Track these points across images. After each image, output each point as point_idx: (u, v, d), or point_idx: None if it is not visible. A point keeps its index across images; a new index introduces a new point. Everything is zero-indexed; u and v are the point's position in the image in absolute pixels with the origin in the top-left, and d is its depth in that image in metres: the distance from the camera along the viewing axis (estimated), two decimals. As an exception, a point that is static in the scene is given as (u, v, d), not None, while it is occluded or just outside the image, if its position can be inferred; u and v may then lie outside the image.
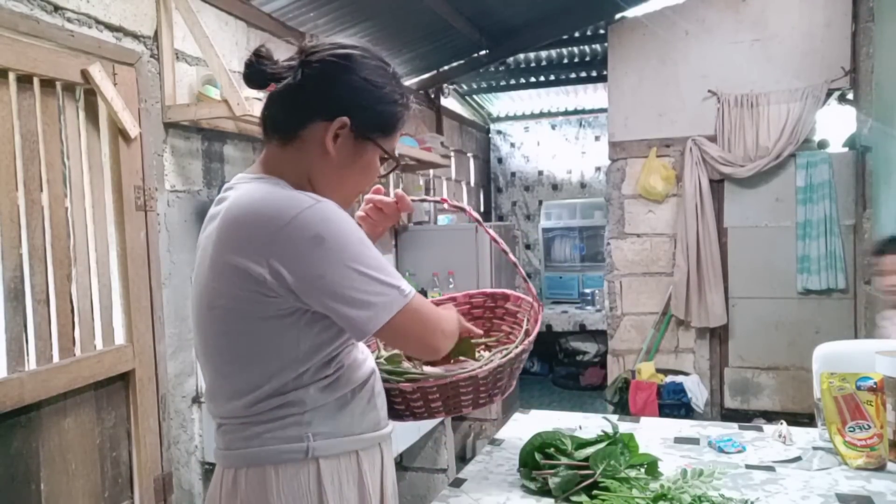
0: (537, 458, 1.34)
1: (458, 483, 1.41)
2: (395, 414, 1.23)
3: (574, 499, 1.23)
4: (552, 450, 1.34)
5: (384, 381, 1.20)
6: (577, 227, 6.17)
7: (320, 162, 1.05)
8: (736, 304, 4.22)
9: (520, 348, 1.30)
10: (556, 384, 5.71)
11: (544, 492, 1.29)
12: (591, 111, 6.44)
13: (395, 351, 1.33)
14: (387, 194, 1.27)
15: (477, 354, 1.43)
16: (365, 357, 1.14)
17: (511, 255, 1.37)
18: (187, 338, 2.39)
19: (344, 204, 1.06)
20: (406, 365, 1.32)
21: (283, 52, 1.08)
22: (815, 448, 1.55)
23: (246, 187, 1.03)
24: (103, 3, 2.04)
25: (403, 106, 1.10)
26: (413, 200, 1.26)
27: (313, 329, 1.00)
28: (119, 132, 2.06)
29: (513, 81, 5.75)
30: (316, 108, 1.04)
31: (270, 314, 0.98)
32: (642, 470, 1.30)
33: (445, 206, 1.35)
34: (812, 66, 3.97)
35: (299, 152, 1.05)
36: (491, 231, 1.39)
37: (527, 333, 1.39)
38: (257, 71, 1.04)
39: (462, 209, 1.34)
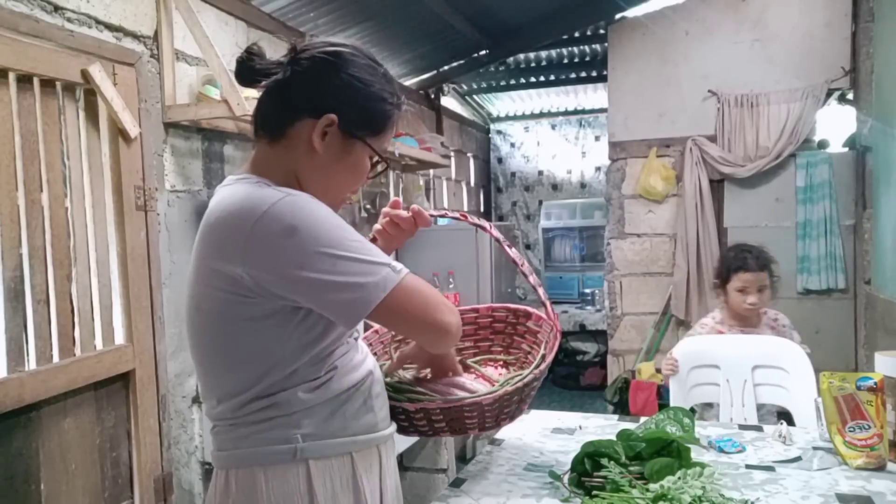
0: (587, 465, 1.30)
1: (458, 483, 1.41)
2: (400, 429, 1.23)
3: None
4: (605, 459, 1.29)
5: (389, 398, 1.18)
6: (577, 227, 6.16)
7: (307, 160, 1.05)
8: (736, 304, 4.21)
9: (531, 376, 1.27)
10: (556, 384, 5.70)
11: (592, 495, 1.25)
12: (591, 111, 6.43)
13: (408, 373, 1.32)
14: (392, 198, 1.25)
15: (494, 371, 1.42)
16: (363, 359, 1.12)
17: (541, 291, 1.31)
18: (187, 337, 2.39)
19: (332, 205, 1.04)
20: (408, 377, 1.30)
21: (282, 52, 1.08)
22: (815, 448, 1.55)
23: (226, 190, 1.03)
24: (103, 3, 2.04)
25: (393, 105, 1.09)
26: (432, 215, 1.21)
27: (297, 329, 1.00)
28: (119, 132, 2.06)
29: (513, 81, 5.74)
30: (303, 106, 1.04)
31: (253, 315, 0.98)
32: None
33: (465, 222, 1.29)
34: (812, 66, 3.97)
35: (287, 150, 1.05)
36: (514, 253, 1.29)
37: (542, 358, 1.35)
38: (246, 67, 1.04)
39: (482, 227, 1.27)
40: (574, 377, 5.63)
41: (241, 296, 0.96)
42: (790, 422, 2.02)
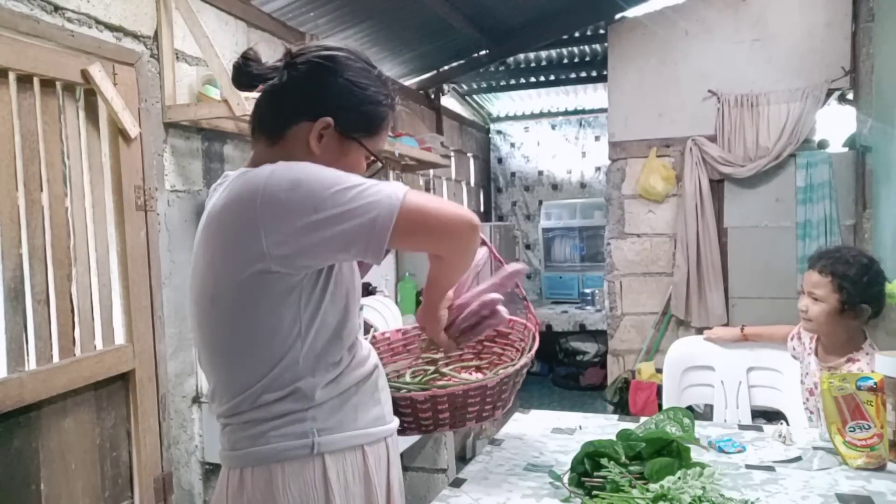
0: (587, 465, 1.31)
1: (458, 483, 1.41)
2: (402, 426, 1.25)
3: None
4: (605, 459, 1.29)
5: (396, 390, 1.21)
6: (577, 227, 6.16)
7: (305, 161, 1.07)
8: (736, 304, 4.21)
9: (524, 359, 1.32)
10: (556, 384, 5.70)
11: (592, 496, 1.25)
12: (591, 111, 6.44)
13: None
14: None
15: (470, 376, 1.46)
16: (368, 353, 1.16)
17: (521, 289, 1.40)
18: (187, 338, 2.39)
19: None
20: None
21: (282, 53, 1.09)
22: (815, 448, 1.55)
23: (228, 184, 1.06)
24: (103, 3, 2.04)
25: (388, 107, 1.12)
26: None
27: (311, 304, 1.02)
28: (119, 132, 2.06)
29: (513, 81, 5.74)
30: (300, 109, 1.06)
31: (272, 292, 0.99)
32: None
33: None
34: (812, 66, 3.97)
35: (285, 151, 1.08)
36: (500, 259, 1.41)
37: (523, 352, 1.42)
38: (244, 73, 1.07)
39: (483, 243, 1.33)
40: (574, 377, 5.63)
41: (260, 273, 0.97)
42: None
